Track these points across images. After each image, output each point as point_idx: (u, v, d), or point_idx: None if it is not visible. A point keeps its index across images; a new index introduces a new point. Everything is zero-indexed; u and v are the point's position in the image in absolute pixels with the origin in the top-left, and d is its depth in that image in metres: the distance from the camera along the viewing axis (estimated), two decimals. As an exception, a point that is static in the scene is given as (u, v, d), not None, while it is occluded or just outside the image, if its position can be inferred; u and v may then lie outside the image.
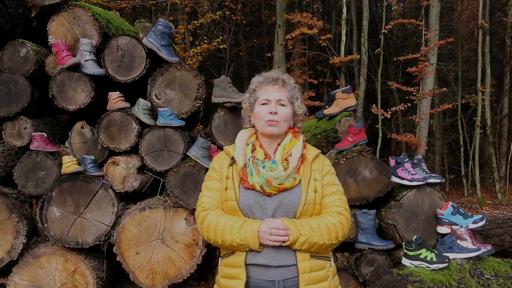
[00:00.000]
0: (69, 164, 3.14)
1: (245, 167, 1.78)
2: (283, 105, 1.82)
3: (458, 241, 2.89)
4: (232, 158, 1.85)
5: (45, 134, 3.26)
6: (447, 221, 3.00)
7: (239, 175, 1.79)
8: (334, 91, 3.57)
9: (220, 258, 1.86)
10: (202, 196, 1.88)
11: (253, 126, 1.91)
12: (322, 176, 1.83)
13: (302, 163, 1.81)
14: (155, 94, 3.35)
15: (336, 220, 1.77)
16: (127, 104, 3.30)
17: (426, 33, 9.36)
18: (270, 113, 1.78)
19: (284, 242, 1.68)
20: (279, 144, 1.83)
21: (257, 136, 1.89)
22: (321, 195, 1.81)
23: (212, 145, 3.28)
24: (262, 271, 1.71)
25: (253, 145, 1.84)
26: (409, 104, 9.41)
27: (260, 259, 1.71)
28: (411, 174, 3.10)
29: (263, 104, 1.82)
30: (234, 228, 1.70)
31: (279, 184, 1.73)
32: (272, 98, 1.81)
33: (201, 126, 5.79)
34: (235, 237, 1.69)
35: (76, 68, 3.26)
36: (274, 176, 1.72)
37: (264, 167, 1.74)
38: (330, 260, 1.82)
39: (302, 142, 1.85)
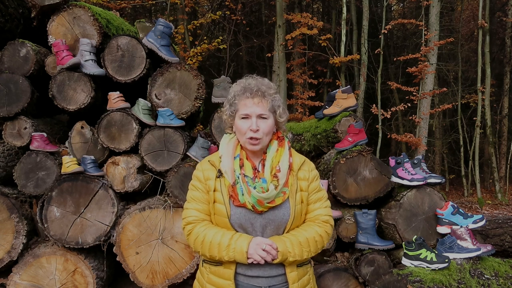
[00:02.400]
0: (69, 164, 3.14)
1: (235, 185, 1.74)
2: (264, 118, 1.75)
3: (458, 241, 2.89)
4: (219, 171, 1.80)
5: (45, 134, 3.26)
6: (447, 221, 3.00)
7: (229, 191, 1.75)
8: (334, 91, 3.57)
9: (203, 261, 1.86)
10: (187, 208, 1.86)
11: (235, 133, 1.85)
12: (308, 185, 1.83)
13: (289, 173, 1.79)
14: (155, 94, 3.35)
15: (322, 230, 1.80)
16: (127, 104, 3.30)
17: (426, 33, 9.37)
18: (251, 130, 1.72)
19: (272, 260, 1.70)
20: (265, 153, 1.80)
21: (242, 146, 1.83)
22: (306, 203, 1.82)
23: (212, 145, 3.28)
24: (251, 279, 1.75)
25: (240, 159, 1.78)
26: (409, 104, 9.42)
27: (249, 271, 1.74)
28: (411, 174, 3.10)
29: (243, 118, 1.75)
30: (222, 245, 1.70)
31: (270, 202, 1.72)
32: (252, 113, 1.73)
33: (201, 126, 5.79)
34: (223, 255, 1.70)
35: (76, 68, 3.26)
36: (266, 196, 1.70)
37: (255, 188, 1.71)
38: (309, 263, 1.88)
39: (288, 150, 1.81)
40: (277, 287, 1.75)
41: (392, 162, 3.20)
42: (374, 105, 9.31)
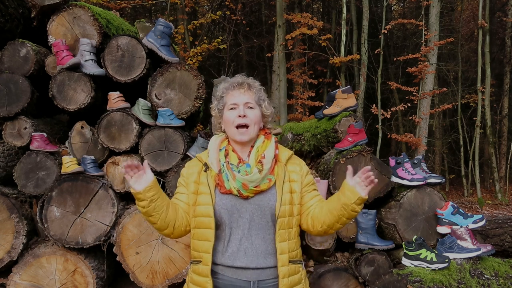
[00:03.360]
0: (69, 164, 3.14)
1: (220, 173, 1.79)
2: (251, 107, 1.84)
3: (458, 241, 2.89)
4: (205, 164, 1.86)
5: (45, 134, 3.26)
6: (447, 221, 3.00)
7: (215, 180, 1.80)
8: (334, 91, 3.57)
9: (190, 263, 1.89)
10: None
11: (224, 132, 1.92)
12: (301, 177, 1.86)
13: (276, 164, 1.83)
14: (155, 94, 3.35)
15: None
16: (127, 104, 3.30)
17: (426, 33, 9.37)
18: (239, 116, 1.80)
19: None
20: (252, 147, 1.85)
21: (228, 141, 1.90)
22: (299, 194, 1.84)
23: (212, 145, 3.27)
24: (238, 272, 1.74)
25: (225, 150, 1.85)
26: (409, 104, 9.42)
27: (237, 262, 1.74)
28: (411, 174, 3.10)
29: (231, 109, 1.84)
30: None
31: (255, 187, 1.75)
32: (240, 101, 1.83)
33: (201, 126, 5.79)
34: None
35: (76, 68, 3.26)
36: (250, 179, 1.73)
37: (239, 172, 1.76)
38: (302, 263, 1.88)
39: (274, 143, 1.87)
40: (267, 282, 1.74)
41: (392, 162, 3.20)
42: (374, 105, 9.32)
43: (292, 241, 1.81)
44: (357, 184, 1.73)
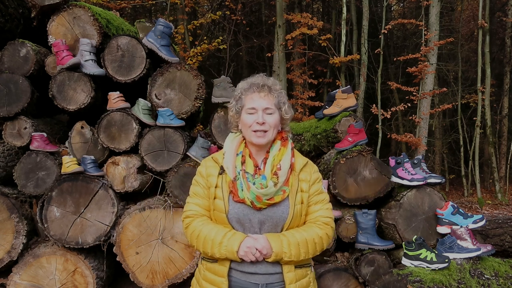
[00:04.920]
0: (69, 164, 3.14)
1: (235, 181, 1.76)
2: (270, 113, 1.78)
3: (458, 241, 2.89)
4: (222, 168, 1.82)
5: (45, 134, 3.26)
6: (447, 221, 3.00)
7: (229, 187, 1.77)
8: (334, 91, 3.57)
9: (202, 258, 1.87)
10: (189, 202, 1.90)
11: (241, 131, 1.88)
12: (309, 186, 1.83)
13: (290, 173, 1.79)
14: (155, 94, 3.35)
15: (323, 232, 1.79)
16: (127, 104, 3.30)
17: (426, 33, 9.36)
18: (257, 123, 1.76)
19: (266, 259, 1.71)
20: (267, 152, 1.81)
21: (245, 143, 1.85)
22: (307, 205, 1.81)
23: (212, 145, 3.28)
24: (247, 275, 1.75)
25: (242, 156, 1.81)
26: (409, 104, 9.42)
27: (245, 268, 1.74)
28: (411, 174, 3.10)
29: (249, 113, 1.79)
30: (215, 242, 1.71)
31: (269, 199, 1.73)
32: (259, 106, 1.77)
33: (201, 126, 5.78)
34: (214, 251, 1.71)
35: (76, 68, 3.26)
36: (265, 193, 1.71)
37: (254, 184, 1.73)
38: (310, 266, 1.86)
39: (291, 150, 1.83)
40: (275, 286, 1.75)
41: (392, 162, 3.20)
42: (374, 105, 9.31)
43: None
44: None
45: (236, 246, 1.69)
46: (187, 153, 3.18)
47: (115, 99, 3.28)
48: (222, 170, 1.81)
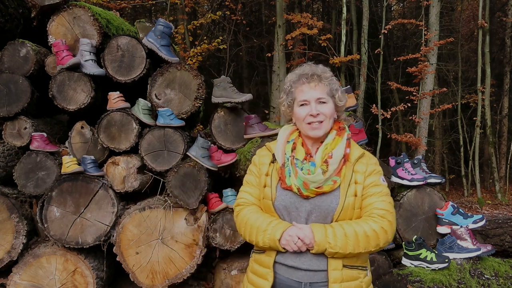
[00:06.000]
0: (69, 164, 3.14)
1: (283, 167, 1.71)
2: (323, 102, 1.70)
3: (458, 241, 2.90)
4: (273, 155, 1.77)
5: (45, 134, 3.26)
6: (447, 221, 3.00)
7: (278, 174, 1.72)
8: (334, 91, 3.56)
9: (252, 251, 1.83)
10: (241, 191, 1.85)
11: (295, 124, 1.80)
12: (364, 178, 1.70)
13: (344, 163, 1.69)
14: (155, 94, 3.35)
15: (378, 225, 1.63)
16: (127, 104, 3.30)
17: (426, 33, 9.36)
18: (311, 115, 1.68)
19: (309, 250, 1.63)
20: (321, 142, 1.73)
21: (299, 133, 1.78)
22: (361, 198, 1.68)
23: (212, 145, 3.28)
24: (290, 271, 1.67)
25: (294, 143, 1.74)
26: (409, 104, 9.42)
27: (289, 260, 1.67)
28: (411, 174, 3.10)
29: (302, 105, 1.71)
30: (259, 229, 1.67)
31: (317, 188, 1.64)
32: (311, 98, 1.69)
33: (201, 126, 5.79)
34: (258, 239, 1.67)
35: (76, 68, 3.26)
36: (312, 179, 1.63)
37: (302, 169, 1.66)
38: (366, 270, 1.71)
39: (346, 141, 1.73)
40: (319, 285, 1.64)
41: (392, 162, 3.20)
42: (374, 105, 9.31)
43: None
44: None
45: (279, 234, 1.62)
46: (187, 153, 3.18)
47: (115, 99, 3.28)
48: (274, 159, 1.77)
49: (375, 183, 1.71)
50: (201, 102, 3.39)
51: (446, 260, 2.78)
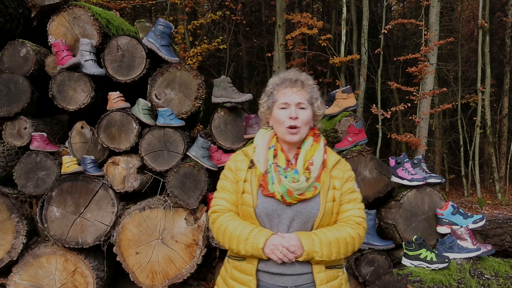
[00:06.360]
0: (69, 164, 3.14)
1: (266, 174, 1.72)
2: (303, 108, 1.74)
3: (458, 241, 2.89)
4: (251, 161, 1.78)
5: (45, 134, 3.26)
6: (447, 221, 3.00)
7: (259, 181, 1.73)
8: (334, 91, 3.57)
9: (228, 256, 1.83)
10: (216, 197, 1.84)
11: (272, 128, 1.82)
12: (342, 184, 1.76)
13: (322, 170, 1.74)
14: (155, 94, 3.35)
15: (355, 232, 1.72)
16: (127, 104, 3.30)
17: (426, 33, 9.36)
18: (291, 118, 1.71)
19: (295, 258, 1.65)
20: (299, 148, 1.76)
21: (277, 138, 1.81)
22: (338, 203, 1.75)
23: (212, 145, 3.28)
24: (275, 277, 1.69)
25: (275, 150, 1.77)
26: (409, 104, 9.41)
27: (273, 268, 1.68)
28: (411, 174, 3.10)
29: (282, 108, 1.74)
30: (240, 238, 1.67)
31: (300, 195, 1.68)
32: (292, 101, 1.72)
33: (201, 126, 5.78)
34: (240, 248, 1.67)
35: (76, 68, 3.26)
36: (296, 187, 1.67)
37: (286, 177, 1.69)
38: (342, 268, 1.79)
39: (323, 147, 1.78)
40: (304, 287, 1.69)
41: (392, 162, 3.20)
42: (374, 105, 9.30)
43: None
44: None
45: (262, 242, 1.63)
46: (187, 153, 3.18)
47: (115, 99, 3.28)
48: (252, 164, 1.77)
49: (352, 190, 1.79)
50: (201, 102, 3.39)
51: (446, 260, 2.78)
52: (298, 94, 1.74)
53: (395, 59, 10.05)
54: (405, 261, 2.90)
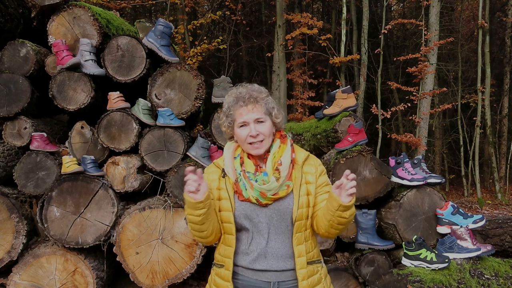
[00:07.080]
0: (69, 164, 3.14)
1: (237, 182, 1.78)
2: (261, 121, 1.78)
3: (458, 241, 2.89)
4: (223, 170, 1.84)
5: (45, 134, 3.26)
6: (447, 221, 3.00)
7: (233, 188, 1.79)
8: (334, 91, 3.57)
9: (213, 264, 1.91)
10: None
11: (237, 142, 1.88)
12: (316, 178, 1.83)
13: (293, 167, 1.80)
14: (155, 94, 3.35)
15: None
16: (127, 104, 3.30)
17: (426, 33, 9.36)
18: (251, 136, 1.76)
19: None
20: (268, 152, 1.81)
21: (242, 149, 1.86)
22: (314, 196, 1.81)
23: (212, 145, 3.28)
24: (258, 273, 1.76)
25: (240, 158, 1.82)
26: (409, 104, 9.41)
27: (257, 265, 1.75)
28: (411, 174, 3.10)
29: (241, 126, 1.78)
30: (187, 216, 1.71)
31: (274, 195, 1.74)
32: (249, 119, 1.76)
33: (201, 126, 5.78)
34: (191, 219, 1.68)
35: (76, 68, 3.26)
36: (267, 188, 1.72)
37: (256, 181, 1.74)
38: (320, 263, 1.87)
39: (291, 147, 1.84)
40: (287, 284, 1.75)
41: (392, 162, 3.20)
42: (374, 105, 9.30)
43: (308, 242, 1.81)
44: (340, 190, 1.67)
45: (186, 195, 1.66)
46: (187, 153, 3.18)
47: (115, 99, 3.28)
48: (224, 173, 1.83)
49: (326, 183, 1.86)
50: (201, 102, 3.39)
51: (446, 260, 2.78)
52: (254, 111, 1.77)
53: (395, 59, 10.05)
54: (405, 261, 2.90)
